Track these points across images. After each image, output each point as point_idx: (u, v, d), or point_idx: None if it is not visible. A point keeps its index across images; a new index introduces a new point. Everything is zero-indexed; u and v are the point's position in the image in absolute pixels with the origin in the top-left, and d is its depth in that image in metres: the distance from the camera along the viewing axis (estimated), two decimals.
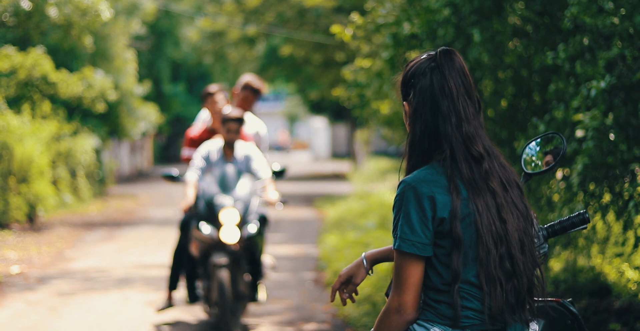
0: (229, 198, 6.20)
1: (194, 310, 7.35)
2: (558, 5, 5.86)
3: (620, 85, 4.85)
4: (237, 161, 6.44)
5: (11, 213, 13.14)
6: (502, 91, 6.10)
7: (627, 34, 4.91)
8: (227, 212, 6.13)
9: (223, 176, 6.29)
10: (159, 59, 30.80)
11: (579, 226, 2.86)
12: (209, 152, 6.49)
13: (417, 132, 2.51)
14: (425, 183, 2.43)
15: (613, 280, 7.14)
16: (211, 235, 6.12)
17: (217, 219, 6.15)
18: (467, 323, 2.40)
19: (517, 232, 2.44)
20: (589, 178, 5.04)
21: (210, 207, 6.20)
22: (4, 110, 13.86)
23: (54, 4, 13.22)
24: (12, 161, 13.17)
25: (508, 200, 2.46)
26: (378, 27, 6.82)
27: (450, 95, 2.48)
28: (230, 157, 6.45)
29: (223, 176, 6.29)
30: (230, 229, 6.11)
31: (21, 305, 7.77)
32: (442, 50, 2.53)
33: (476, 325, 2.41)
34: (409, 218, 2.40)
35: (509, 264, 2.41)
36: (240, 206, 6.20)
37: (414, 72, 2.54)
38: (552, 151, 2.91)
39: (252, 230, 6.24)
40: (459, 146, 2.46)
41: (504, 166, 2.53)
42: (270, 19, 22.07)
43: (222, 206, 6.15)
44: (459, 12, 5.91)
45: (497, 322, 2.41)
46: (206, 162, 6.47)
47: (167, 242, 12.19)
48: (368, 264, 2.73)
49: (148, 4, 24.30)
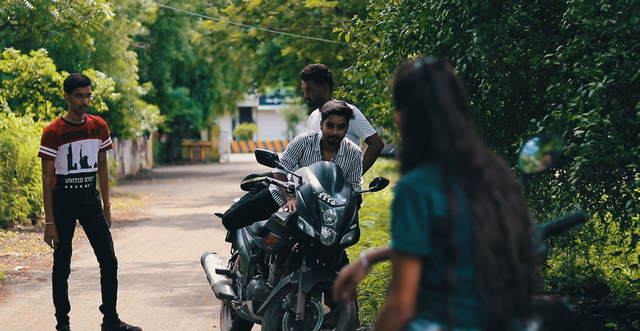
0: (337, 198, 5.48)
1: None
2: (556, 7, 5.91)
3: (617, 85, 4.89)
4: (339, 159, 5.82)
5: (14, 213, 13.20)
6: (500, 92, 6.13)
7: (624, 35, 4.95)
8: (335, 212, 5.41)
9: (327, 173, 5.56)
10: (161, 59, 30.84)
11: (577, 225, 2.91)
12: (306, 145, 5.86)
13: (409, 147, 2.48)
14: (421, 182, 2.42)
15: (610, 279, 7.18)
16: (310, 233, 5.36)
17: (320, 217, 5.38)
18: (465, 320, 2.41)
19: (518, 239, 2.42)
20: (586, 178, 5.07)
21: (314, 203, 5.42)
22: (7, 110, 13.92)
23: (56, 5, 13.26)
24: (16, 161, 13.23)
25: (509, 207, 2.43)
26: (378, 28, 6.87)
27: (442, 110, 2.44)
28: (332, 155, 5.83)
29: (327, 173, 5.56)
30: (333, 231, 5.39)
31: (24, 303, 7.83)
32: (433, 63, 2.49)
33: (474, 323, 2.40)
34: (406, 218, 2.39)
35: (509, 274, 2.40)
36: (344, 211, 5.46)
37: (404, 84, 2.50)
38: (550, 151, 2.93)
39: (350, 238, 5.47)
40: (454, 162, 2.43)
41: (502, 169, 2.50)
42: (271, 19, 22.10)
43: (329, 205, 5.42)
44: (457, 13, 5.95)
45: (495, 327, 2.41)
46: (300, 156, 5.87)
47: (168, 241, 12.24)
48: (367, 264, 2.76)
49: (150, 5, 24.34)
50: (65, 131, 6.41)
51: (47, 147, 6.36)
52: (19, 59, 15.23)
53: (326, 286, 5.44)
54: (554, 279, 7.16)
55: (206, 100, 35.27)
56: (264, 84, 32.87)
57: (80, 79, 6.41)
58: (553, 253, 7.15)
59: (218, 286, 6.10)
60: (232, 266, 6.32)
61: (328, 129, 5.72)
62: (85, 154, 6.47)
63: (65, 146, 6.41)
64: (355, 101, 7.70)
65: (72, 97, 6.38)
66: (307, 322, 5.40)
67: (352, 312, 5.39)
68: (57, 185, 6.43)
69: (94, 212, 6.53)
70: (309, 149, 5.89)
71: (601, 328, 5.85)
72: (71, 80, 6.41)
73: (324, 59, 22.45)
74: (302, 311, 5.35)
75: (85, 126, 6.51)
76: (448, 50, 6.20)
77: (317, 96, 6.41)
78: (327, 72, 6.40)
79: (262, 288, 5.64)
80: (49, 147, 6.36)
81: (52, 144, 6.36)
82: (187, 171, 31.96)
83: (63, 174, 6.40)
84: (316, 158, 5.84)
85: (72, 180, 6.42)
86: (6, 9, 13.35)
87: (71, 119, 6.46)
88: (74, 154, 6.42)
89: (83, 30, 13.71)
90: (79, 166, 6.43)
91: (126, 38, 22.14)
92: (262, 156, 5.66)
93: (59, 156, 6.40)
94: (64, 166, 6.40)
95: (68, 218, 6.47)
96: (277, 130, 58.19)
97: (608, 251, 7.57)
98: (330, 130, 5.71)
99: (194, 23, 31.16)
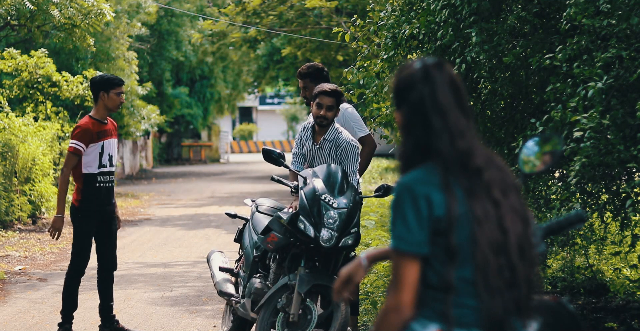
0: (340, 200, 5.46)
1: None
2: (556, 7, 5.91)
3: (617, 86, 4.89)
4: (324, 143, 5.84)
5: (15, 213, 13.20)
6: (500, 92, 6.14)
7: (624, 35, 4.96)
8: (336, 214, 5.40)
9: (331, 176, 5.55)
10: (161, 59, 30.85)
11: (577, 225, 2.91)
12: (303, 133, 5.89)
13: (409, 147, 2.48)
14: (421, 182, 2.42)
15: (610, 279, 7.18)
16: (309, 233, 5.36)
17: (321, 218, 5.38)
18: (465, 320, 2.41)
19: (518, 239, 2.42)
20: (586, 178, 5.08)
21: (316, 204, 5.41)
22: (7, 110, 13.93)
23: (56, 5, 13.27)
24: (16, 161, 13.23)
25: (508, 207, 2.44)
26: (378, 28, 6.87)
27: (441, 110, 2.45)
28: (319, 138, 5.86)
29: (331, 176, 5.55)
30: (333, 233, 5.38)
31: (24, 303, 7.83)
32: (432, 63, 2.50)
33: (474, 323, 2.41)
34: (405, 218, 2.40)
35: (509, 274, 2.40)
36: (346, 213, 5.43)
37: (404, 84, 2.50)
38: (550, 151, 2.93)
39: (350, 241, 5.46)
40: (453, 162, 2.43)
41: (502, 169, 2.50)
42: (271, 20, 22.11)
43: (330, 206, 5.41)
44: (457, 13, 5.96)
45: (495, 327, 2.41)
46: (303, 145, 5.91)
47: (168, 241, 12.25)
48: (367, 263, 2.77)
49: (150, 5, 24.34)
50: (98, 129, 6.45)
51: (81, 143, 6.36)
52: (19, 59, 15.24)
53: (322, 289, 5.44)
54: (554, 279, 7.17)
55: (206, 100, 35.29)
56: (264, 84, 32.89)
57: (118, 78, 6.50)
58: (553, 253, 7.15)
59: (220, 284, 6.12)
60: (237, 266, 6.34)
61: (317, 110, 5.77)
62: (111, 153, 6.52)
63: (99, 144, 6.42)
64: (355, 101, 7.71)
65: (111, 95, 6.44)
66: (301, 323, 5.41)
67: (346, 313, 5.40)
68: (87, 184, 6.39)
69: (113, 212, 6.58)
70: (305, 135, 5.96)
71: (601, 328, 5.86)
72: (109, 78, 6.48)
73: (324, 59, 22.46)
74: (297, 312, 5.36)
75: (109, 125, 6.56)
76: (448, 50, 6.21)
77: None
78: (323, 71, 6.41)
79: (261, 287, 5.66)
80: (82, 143, 6.37)
81: (86, 141, 6.38)
82: (187, 171, 31.97)
83: (93, 173, 6.41)
84: (309, 144, 5.90)
85: (102, 178, 6.44)
86: (6, 9, 13.36)
87: (100, 117, 6.49)
88: (104, 153, 6.45)
89: (83, 31, 13.72)
90: (107, 165, 6.48)
91: (126, 38, 22.15)
92: (269, 155, 5.72)
93: (90, 153, 6.40)
94: (93, 164, 6.41)
95: (96, 217, 6.46)
96: (277, 130, 58.20)
97: (608, 251, 7.57)
98: (319, 111, 5.76)
99: (194, 23, 31.18)
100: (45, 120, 15.77)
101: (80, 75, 16.14)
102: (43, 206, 14.23)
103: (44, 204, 14.22)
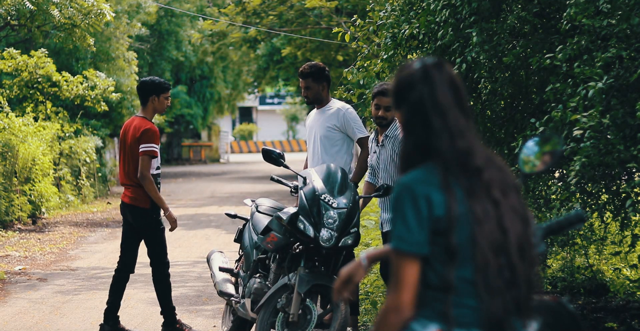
0: (340, 200, 5.49)
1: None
2: (556, 7, 5.91)
3: (617, 86, 4.89)
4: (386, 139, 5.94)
5: (15, 213, 13.20)
6: (500, 92, 6.14)
7: (624, 35, 4.96)
8: (336, 214, 5.42)
9: (331, 176, 5.60)
10: (161, 59, 30.86)
11: (576, 225, 2.91)
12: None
13: (409, 146, 2.50)
14: (421, 182, 2.42)
15: (610, 279, 7.18)
16: (309, 233, 5.38)
17: (320, 218, 5.41)
18: (465, 320, 2.41)
19: (518, 239, 2.42)
20: (586, 178, 5.08)
21: (316, 204, 5.44)
22: (7, 110, 13.93)
23: (56, 5, 13.27)
24: (16, 161, 13.23)
25: (508, 207, 2.44)
26: (378, 28, 6.87)
27: (441, 110, 2.46)
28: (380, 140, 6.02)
29: (331, 176, 5.60)
30: (332, 233, 5.41)
31: (24, 303, 7.83)
32: (432, 63, 2.51)
33: (474, 323, 2.41)
34: (405, 218, 2.40)
35: (509, 274, 2.40)
36: (346, 213, 5.46)
37: (404, 84, 2.51)
38: (550, 151, 2.93)
39: (350, 241, 5.48)
40: (453, 162, 2.44)
41: (501, 169, 2.50)
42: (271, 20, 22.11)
43: (330, 206, 5.43)
44: (457, 13, 5.96)
45: (495, 327, 2.42)
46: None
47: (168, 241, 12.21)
48: (367, 263, 2.77)
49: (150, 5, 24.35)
50: None
51: (156, 145, 6.45)
52: (19, 59, 15.25)
53: (322, 289, 5.45)
54: (554, 279, 7.17)
55: (206, 100, 35.29)
56: (264, 84, 32.87)
57: (168, 83, 6.61)
58: (553, 253, 7.16)
59: (220, 284, 6.13)
60: (237, 266, 6.34)
61: (375, 110, 5.95)
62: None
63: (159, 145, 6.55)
64: (355, 101, 7.71)
65: (161, 99, 6.55)
66: (301, 323, 5.42)
67: (345, 313, 5.40)
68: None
69: None
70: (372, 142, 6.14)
71: (601, 328, 5.86)
72: (160, 83, 6.56)
73: (324, 59, 22.45)
74: (296, 312, 5.36)
75: None
76: (448, 50, 6.21)
77: (315, 95, 6.42)
78: (325, 71, 6.42)
79: (261, 287, 5.66)
80: (157, 144, 6.46)
81: (158, 142, 6.48)
82: (187, 171, 31.97)
83: (155, 174, 6.52)
84: (374, 145, 6.09)
85: (159, 179, 6.57)
86: (6, 9, 13.36)
87: (150, 119, 6.58)
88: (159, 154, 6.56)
89: (83, 31, 13.72)
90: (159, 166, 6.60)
91: (126, 38, 22.15)
92: (268, 155, 5.78)
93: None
94: (155, 165, 6.52)
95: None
96: (277, 130, 58.19)
97: (608, 251, 7.57)
98: (377, 111, 5.94)
99: (194, 23, 31.18)
100: (45, 120, 15.78)
101: (80, 75, 16.15)
102: (43, 206, 14.23)
103: (44, 204, 14.23)
